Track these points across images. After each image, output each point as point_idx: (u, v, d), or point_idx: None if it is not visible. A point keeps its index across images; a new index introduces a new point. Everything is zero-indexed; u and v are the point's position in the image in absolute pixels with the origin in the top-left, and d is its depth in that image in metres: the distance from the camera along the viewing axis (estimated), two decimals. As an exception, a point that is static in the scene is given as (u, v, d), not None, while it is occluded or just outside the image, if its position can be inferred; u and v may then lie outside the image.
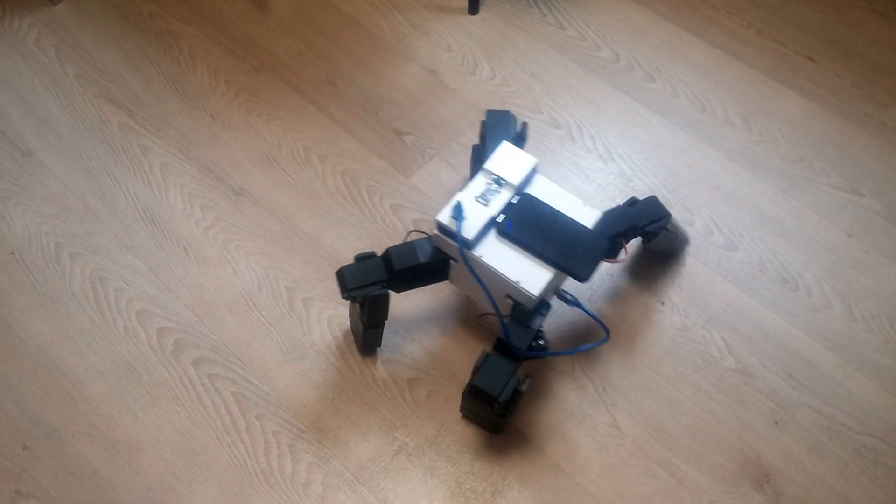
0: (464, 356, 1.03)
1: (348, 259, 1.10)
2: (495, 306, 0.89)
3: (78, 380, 1.00)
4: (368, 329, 0.94)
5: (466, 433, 0.97)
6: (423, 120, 1.25)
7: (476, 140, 1.23)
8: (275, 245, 1.12)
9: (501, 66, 1.32)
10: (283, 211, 1.15)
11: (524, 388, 0.87)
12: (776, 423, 0.98)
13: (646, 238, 0.99)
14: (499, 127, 1.02)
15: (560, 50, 1.34)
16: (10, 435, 0.96)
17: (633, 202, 0.99)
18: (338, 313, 1.06)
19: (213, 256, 1.11)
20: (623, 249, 0.94)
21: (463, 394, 0.91)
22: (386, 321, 0.95)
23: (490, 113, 1.05)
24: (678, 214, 1.15)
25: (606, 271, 1.10)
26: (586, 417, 0.98)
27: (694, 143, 1.23)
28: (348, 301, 0.92)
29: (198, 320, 1.05)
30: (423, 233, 0.95)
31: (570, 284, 0.96)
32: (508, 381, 0.85)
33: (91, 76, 1.29)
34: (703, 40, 1.35)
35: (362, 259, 0.91)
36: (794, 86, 1.30)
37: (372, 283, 0.89)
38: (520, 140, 1.02)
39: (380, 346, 1.02)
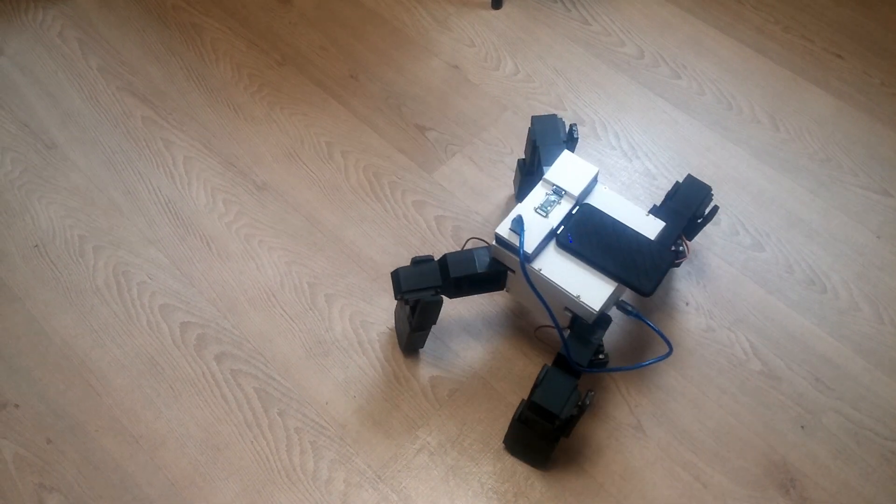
0: (486, 355, 1.02)
1: (371, 255, 1.10)
2: (555, 320, 0.88)
3: (101, 374, 1.01)
4: (415, 331, 0.94)
5: (489, 432, 0.97)
6: (445, 115, 1.24)
7: (497, 135, 1.22)
8: (297, 240, 1.12)
9: (525, 62, 1.31)
10: (305, 206, 1.15)
11: (588, 401, 0.83)
12: (802, 427, 0.97)
13: (702, 221, 0.97)
14: (548, 133, 0.99)
15: (584, 45, 1.33)
16: (35, 428, 0.97)
17: (675, 191, 0.97)
18: (360, 310, 1.06)
19: (236, 251, 1.11)
20: (685, 248, 0.93)
21: (513, 421, 0.89)
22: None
23: (536, 119, 1.01)
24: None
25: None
26: (609, 419, 0.97)
27: (720, 142, 1.21)
28: (395, 296, 0.90)
29: (220, 315, 1.05)
30: (483, 240, 0.94)
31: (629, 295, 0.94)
32: (570, 397, 0.83)
33: (114, 69, 1.29)
34: (730, 36, 1.33)
35: (419, 262, 0.90)
36: (822, 83, 1.28)
37: (426, 288, 0.88)
38: (571, 143, 0.99)
39: (423, 347, 1.01)
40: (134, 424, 0.97)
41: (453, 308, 1.06)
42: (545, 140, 0.98)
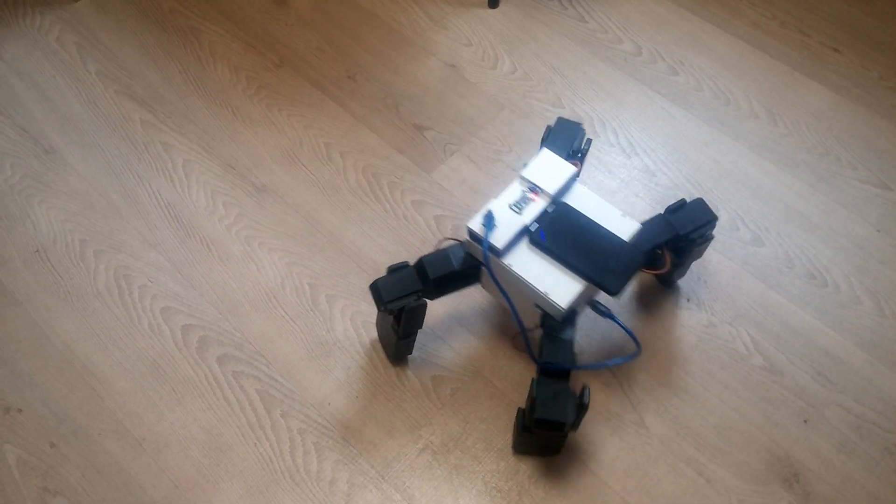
0: (489, 354, 1.02)
1: (371, 255, 1.10)
2: (517, 317, 0.88)
3: (104, 377, 1.01)
4: (403, 339, 0.94)
5: (492, 431, 0.97)
6: (443, 115, 1.25)
7: (496, 134, 1.22)
8: (297, 242, 1.12)
9: (522, 60, 1.31)
10: (304, 207, 1.15)
11: (587, 399, 0.83)
12: (805, 421, 0.97)
13: (687, 246, 0.95)
14: (560, 137, 0.98)
15: (581, 43, 1.33)
16: (38, 432, 0.97)
17: (679, 206, 0.95)
18: (361, 310, 1.06)
19: (236, 253, 1.11)
20: (665, 262, 0.92)
21: (519, 431, 0.89)
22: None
23: (561, 121, 1.00)
24: (703, 210, 1.14)
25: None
26: (612, 416, 0.97)
27: (718, 137, 1.21)
28: (378, 309, 0.90)
29: (222, 317, 1.05)
30: (457, 240, 0.94)
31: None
32: (569, 400, 0.83)
33: (112, 73, 1.29)
34: (727, 32, 1.33)
35: (395, 270, 0.90)
36: (819, 78, 1.28)
37: (408, 294, 0.87)
38: (576, 155, 0.98)
39: (411, 353, 1.01)
40: (137, 427, 0.97)
41: (454, 307, 1.06)
42: (554, 142, 0.97)
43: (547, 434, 0.87)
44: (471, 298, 1.07)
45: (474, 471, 0.94)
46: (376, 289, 0.88)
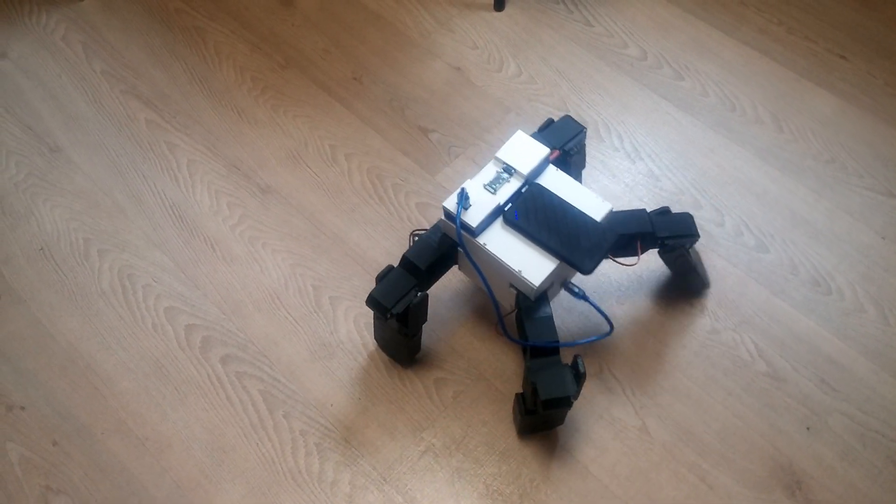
0: (490, 357, 1.02)
1: (375, 257, 1.10)
2: (494, 300, 0.90)
3: (107, 376, 1.01)
4: (411, 337, 0.94)
5: (494, 434, 0.97)
6: (448, 118, 1.25)
7: (501, 137, 1.22)
8: (301, 243, 1.12)
9: (527, 64, 1.31)
10: (309, 209, 1.15)
11: (582, 368, 0.85)
12: (808, 428, 0.97)
13: (663, 250, 0.97)
14: (557, 134, 0.99)
15: (587, 47, 1.33)
16: (41, 431, 0.97)
17: (664, 212, 0.97)
18: (364, 312, 1.06)
19: (240, 254, 1.11)
20: (637, 255, 0.93)
21: (523, 416, 0.90)
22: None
23: (567, 118, 1.00)
24: (707, 215, 1.14)
25: (634, 272, 1.09)
26: (615, 420, 0.97)
27: (724, 143, 1.21)
28: (383, 318, 0.90)
29: (225, 318, 1.05)
30: (424, 229, 0.96)
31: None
32: (567, 374, 0.85)
33: (118, 73, 1.29)
34: (733, 38, 1.33)
35: (384, 276, 0.90)
36: (825, 84, 1.28)
37: (407, 293, 0.88)
38: (565, 156, 0.98)
39: (419, 351, 1.01)
40: (140, 427, 0.97)
41: (458, 310, 1.06)
42: (549, 136, 0.98)
43: (553, 411, 0.88)
44: (474, 302, 1.07)
45: (476, 473, 0.94)
46: (375, 300, 0.88)
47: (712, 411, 0.98)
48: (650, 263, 1.09)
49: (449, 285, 1.08)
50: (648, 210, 0.97)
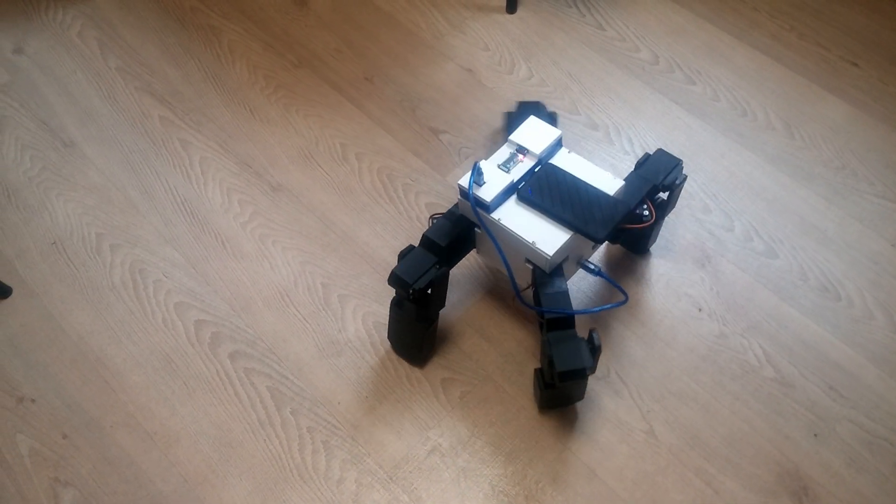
0: (498, 358, 1.02)
1: (384, 256, 1.11)
2: (508, 267, 0.92)
3: (117, 370, 1.02)
4: (431, 323, 0.95)
5: (500, 435, 0.97)
6: (459, 119, 1.25)
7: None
8: (311, 241, 1.13)
9: (539, 66, 1.31)
10: (319, 207, 1.16)
11: (598, 342, 0.86)
12: (816, 435, 0.96)
13: (667, 193, 0.98)
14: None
15: (598, 50, 1.33)
16: (50, 423, 0.98)
17: (641, 163, 0.99)
18: (372, 311, 1.06)
19: (250, 251, 1.12)
20: (650, 210, 0.96)
21: (542, 390, 0.93)
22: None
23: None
24: (717, 220, 1.14)
25: (642, 275, 1.09)
26: (622, 423, 0.97)
27: (734, 148, 1.21)
28: (405, 295, 0.91)
29: (234, 314, 1.06)
30: (441, 214, 0.97)
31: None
32: (582, 346, 0.86)
33: (133, 69, 1.30)
34: (745, 43, 1.33)
35: (405, 255, 0.92)
36: (837, 91, 1.27)
37: (429, 269, 0.90)
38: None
39: (433, 347, 1.02)
40: (148, 421, 0.98)
41: (465, 311, 1.06)
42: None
43: (570, 384, 0.90)
44: (483, 302, 1.07)
45: (482, 474, 0.94)
46: (397, 277, 0.90)
47: (719, 416, 0.98)
48: (658, 268, 1.09)
49: (457, 286, 1.08)
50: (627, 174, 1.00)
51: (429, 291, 0.90)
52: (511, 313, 1.06)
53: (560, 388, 0.91)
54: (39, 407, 0.99)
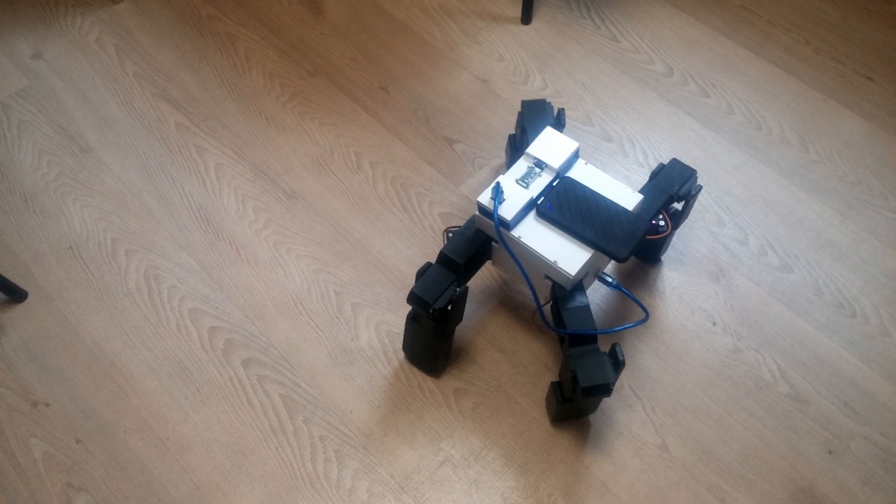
0: (511, 369, 1.02)
1: (397, 265, 1.11)
2: (529, 282, 0.92)
3: (131, 375, 1.02)
4: (448, 338, 0.95)
5: (512, 447, 0.97)
6: (473, 129, 1.25)
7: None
8: (325, 249, 1.13)
9: (553, 77, 1.31)
10: (333, 215, 1.16)
11: (621, 357, 0.86)
12: (830, 452, 0.96)
13: (681, 202, 0.99)
14: (536, 116, 1.04)
15: (613, 62, 1.33)
16: (64, 428, 0.98)
17: (655, 174, 0.99)
18: (385, 319, 1.06)
19: (265, 258, 1.12)
20: (665, 220, 0.96)
21: (560, 403, 0.92)
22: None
23: (526, 104, 1.06)
24: (731, 233, 1.14)
25: (655, 287, 1.08)
26: (635, 437, 0.97)
27: (749, 161, 1.21)
28: (426, 314, 0.91)
29: (248, 321, 1.06)
30: (457, 227, 0.97)
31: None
32: (605, 362, 0.86)
33: (150, 76, 1.31)
34: (760, 56, 1.33)
35: (422, 273, 0.91)
36: (852, 105, 1.27)
37: (448, 287, 0.89)
38: (558, 126, 1.03)
39: (449, 358, 1.02)
40: (161, 427, 0.98)
41: (478, 322, 1.06)
42: (534, 122, 1.02)
43: (590, 399, 0.89)
44: (496, 313, 1.07)
45: (494, 486, 0.94)
46: (416, 297, 0.89)
47: (733, 431, 0.97)
48: (671, 280, 1.09)
49: (471, 296, 1.08)
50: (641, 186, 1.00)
51: (448, 308, 0.90)
52: (524, 324, 1.06)
53: (576, 402, 0.91)
54: (53, 411, 0.99)
